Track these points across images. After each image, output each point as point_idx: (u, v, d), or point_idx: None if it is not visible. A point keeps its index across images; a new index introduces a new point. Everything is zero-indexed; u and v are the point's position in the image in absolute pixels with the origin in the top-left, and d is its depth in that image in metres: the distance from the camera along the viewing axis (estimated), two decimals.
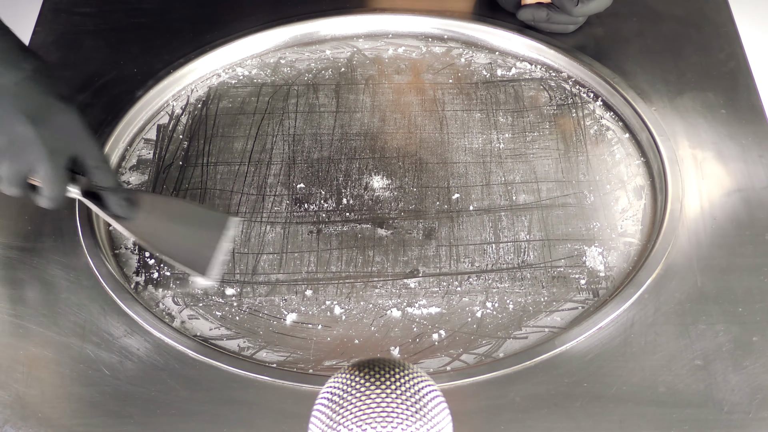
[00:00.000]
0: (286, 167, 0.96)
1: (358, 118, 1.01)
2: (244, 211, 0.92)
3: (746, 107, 0.98)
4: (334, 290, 0.85)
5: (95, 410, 0.76)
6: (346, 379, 0.59)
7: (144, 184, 0.95)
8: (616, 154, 0.96)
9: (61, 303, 0.83)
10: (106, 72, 1.04)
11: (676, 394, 0.76)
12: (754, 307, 0.81)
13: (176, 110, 1.02)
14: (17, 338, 0.81)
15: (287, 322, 0.83)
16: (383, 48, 1.08)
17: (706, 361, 0.78)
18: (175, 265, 0.84)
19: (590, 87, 1.02)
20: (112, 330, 0.81)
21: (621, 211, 0.91)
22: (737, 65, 1.02)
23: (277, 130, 1.00)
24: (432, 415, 0.58)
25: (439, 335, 0.82)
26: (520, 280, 0.86)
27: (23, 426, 0.75)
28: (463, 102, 1.02)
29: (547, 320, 0.83)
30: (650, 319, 0.81)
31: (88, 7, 1.12)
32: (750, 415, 0.74)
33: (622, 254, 0.87)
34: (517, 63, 1.06)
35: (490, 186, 0.94)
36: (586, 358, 0.79)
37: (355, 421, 0.57)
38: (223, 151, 0.98)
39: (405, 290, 0.85)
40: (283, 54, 1.08)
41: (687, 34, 1.06)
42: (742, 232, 0.87)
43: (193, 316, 0.84)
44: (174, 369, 0.79)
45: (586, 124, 0.99)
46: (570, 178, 0.94)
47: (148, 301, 0.85)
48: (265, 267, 0.88)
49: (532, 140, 0.98)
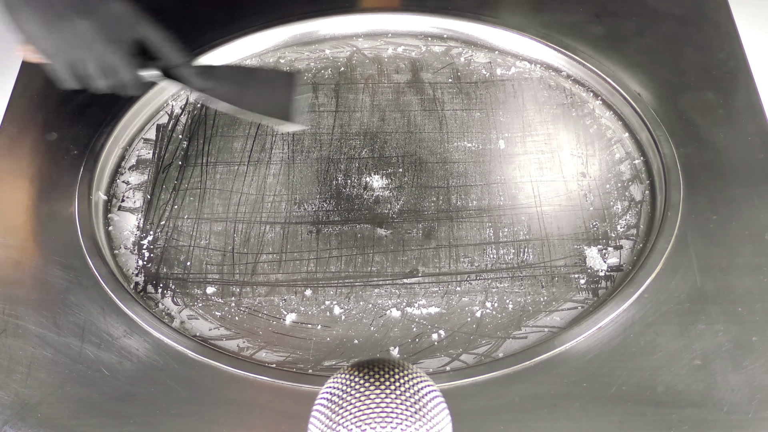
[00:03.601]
0: (285, 167, 0.96)
1: (358, 118, 1.01)
2: (244, 211, 0.92)
3: (746, 107, 0.98)
4: (333, 290, 0.85)
5: (95, 410, 0.76)
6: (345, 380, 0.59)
7: (143, 183, 0.95)
8: (616, 154, 0.96)
9: (60, 303, 0.83)
10: None
11: (676, 394, 0.76)
12: (753, 306, 0.81)
13: (176, 110, 1.02)
14: (17, 338, 0.81)
15: (287, 322, 0.83)
16: (383, 47, 1.08)
17: (706, 360, 0.78)
18: (261, 120, 0.90)
19: (590, 86, 1.02)
20: (112, 330, 0.81)
21: (621, 210, 0.91)
22: (737, 65, 1.02)
23: (276, 130, 1.00)
24: (432, 416, 0.58)
25: (439, 335, 0.82)
26: (520, 280, 0.86)
27: (23, 426, 0.75)
28: (462, 101, 1.02)
29: (547, 320, 0.83)
30: (650, 319, 0.81)
31: None
32: (750, 415, 0.74)
33: (621, 254, 0.87)
34: (516, 62, 1.06)
35: (489, 185, 0.94)
36: (586, 358, 0.79)
37: (355, 421, 0.56)
38: (222, 150, 0.98)
39: (404, 290, 0.85)
40: (282, 53, 1.08)
41: (687, 34, 1.06)
42: (742, 232, 0.87)
43: (193, 316, 0.84)
44: (173, 369, 0.79)
45: (586, 124, 0.99)
46: (569, 178, 0.94)
47: (148, 301, 0.85)
48: (264, 267, 0.88)
49: (531, 139, 0.98)
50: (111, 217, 0.92)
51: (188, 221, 0.91)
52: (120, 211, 0.93)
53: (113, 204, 0.93)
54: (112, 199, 0.94)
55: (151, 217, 0.92)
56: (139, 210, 0.93)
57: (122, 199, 0.94)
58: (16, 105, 1.01)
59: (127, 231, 0.91)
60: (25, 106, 1.01)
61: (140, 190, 0.94)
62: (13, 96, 1.02)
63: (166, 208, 0.93)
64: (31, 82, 1.03)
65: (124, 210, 0.93)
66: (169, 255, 0.89)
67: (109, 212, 0.92)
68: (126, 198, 0.94)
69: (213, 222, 0.91)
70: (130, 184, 0.95)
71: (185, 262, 0.88)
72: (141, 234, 0.91)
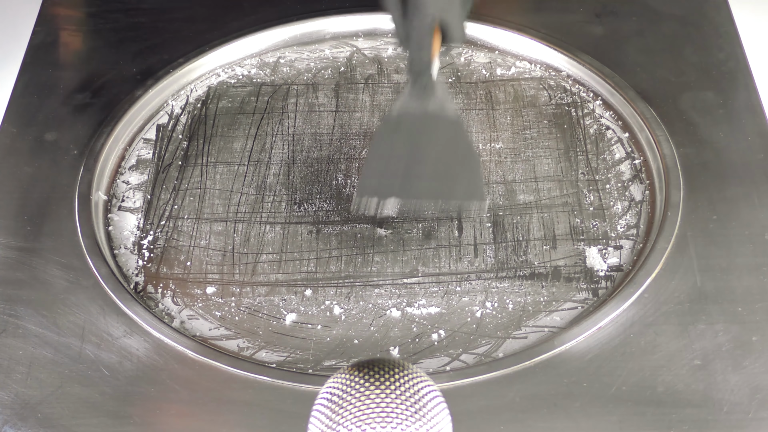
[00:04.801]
0: (285, 167, 0.96)
1: (358, 118, 1.01)
2: (244, 211, 0.92)
3: (746, 107, 0.98)
4: (333, 290, 0.85)
5: (95, 410, 0.76)
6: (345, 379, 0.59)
7: (143, 183, 0.95)
8: (616, 154, 0.96)
9: (60, 303, 0.83)
10: (105, 72, 1.04)
11: (676, 394, 0.76)
12: (753, 306, 0.81)
13: (176, 110, 1.02)
14: (17, 338, 0.81)
15: (287, 322, 0.83)
16: (383, 47, 1.08)
17: (706, 360, 0.78)
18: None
19: (590, 86, 1.02)
20: (112, 330, 0.81)
21: (621, 210, 0.91)
22: (737, 65, 1.02)
23: (276, 130, 1.00)
24: (431, 416, 0.58)
25: (439, 335, 0.82)
26: (520, 280, 0.86)
27: (23, 426, 0.75)
28: (462, 101, 1.02)
29: (547, 320, 0.83)
30: (650, 319, 0.81)
31: (87, 7, 1.12)
32: (749, 415, 0.74)
33: (621, 254, 0.87)
34: (516, 62, 1.06)
35: (489, 185, 0.94)
36: (586, 358, 0.79)
37: (355, 421, 0.56)
38: (222, 150, 0.98)
39: (404, 290, 0.85)
40: (282, 53, 1.08)
41: (687, 34, 1.06)
42: (742, 232, 0.87)
43: (193, 316, 0.84)
44: (173, 369, 0.79)
45: (586, 123, 0.99)
46: (570, 178, 0.94)
47: (148, 301, 0.85)
48: (264, 267, 0.88)
49: (531, 139, 0.98)
50: (111, 217, 0.92)
51: (188, 221, 0.92)
52: (120, 211, 0.93)
53: (113, 204, 0.93)
54: (112, 199, 0.94)
55: (151, 217, 0.92)
56: (139, 210, 0.93)
57: (122, 199, 0.94)
58: (16, 105, 1.01)
59: (127, 231, 0.91)
60: (25, 106, 1.01)
61: (140, 190, 0.94)
62: (13, 96, 1.02)
63: (166, 208, 0.93)
64: (31, 82, 1.03)
65: (124, 210, 0.93)
66: (169, 255, 0.89)
67: (109, 212, 0.92)
68: (126, 198, 0.94)
69: (213, 222, 0.91)
70: (130, 184, 0.95)
71: (185, 262, 0.88)
72: (141, 234, 0.91)
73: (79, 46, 1.07)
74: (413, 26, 0.76)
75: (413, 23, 0.76)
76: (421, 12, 0.76)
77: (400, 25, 0.78)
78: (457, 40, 0.80)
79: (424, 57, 0.78)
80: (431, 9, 0.76)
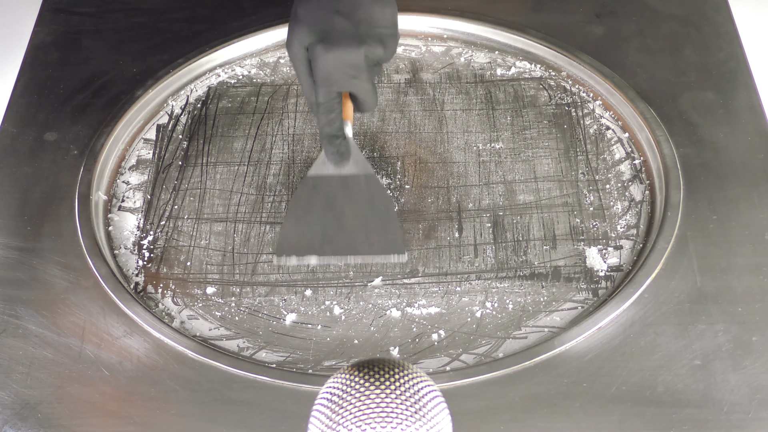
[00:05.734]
0: (285, 167, 0.96)
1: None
2: (244, 211, 0.92)
3: (746, 107, 0.98)
4: (333, 290, 0.85)
5: (95, 410, 0.76)
6: (345, 379, 0.59)
7: (143, 184, 0.95)
8: (616, 154, 0.96)
9: (60, 303, 0.83)
10: (105, 72, 1.04)
11: (676, 394, 0.76)
12: (753, 306, 0.81)
13: (176, 110, 1.02)
14: (17, 338, 0.81)
15: (287, 322, 0.83)
16: None
17: (706, 361, 0.78)
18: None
19: (590, 86, 1.02)
20: (112, 330, 0.81)
21: (620, 210, 0.91)
22: (737, 65, 1.02)
23: (276, 130, 1.00)
24: (431, 416, 0.58)
25: (439, 335, 0.82)
26: (520, 280, 0.86)
27: (23, 426, 0.75)
28: (462, 101, 1.02)
29: (547, 320, 0.83)
30: (650, 319, 0.81)
31: (87, 7, 1.12)
32: (749, 415, 0.74)
33: (621, 254, 0.87)
34: (516, 62, 1.06)
35: (489, 185, 0.94)
36: (586, 358, 0.79)
37: (355, 421, 0.56)
38: (222, 151, 0.98)
39: (404, 290, 0.85)
40: (282, 53, 1.08)
41: (687, 34, 1.06)
42: (742, 232, 0.87)
43: (193, 316, 0.84)
44: (173, 369, 0.79)
45: (586, 124, 0.99)
46: (570, 178, 0.94)
47: (148, 301, 0.85)
48: (264, 267, 0.88)
49: (531, 139, 0.98)
50: (111, 217, 0.92)
51: (188, 221, 0.92)
52: (120, 211, 0.93)
53: (113, 204, 0.93)
54: (112, 199, 0.94)
55: (151, 217, 0.92)
56: (139, 210, 0.93)
57: (122, 199, 0.94)
58: (16, 105, 1.01)
59: (127, 231, 0.91)
60: (25, 106, 1.01)
61: (140, 190, 0.94)
62: (13, 96, 1.02)
63: (166, 208, 0.93)
64: (31, 82, 1.03)
65: (124, 210, 0.93)
66: (169, 255, 0.89)
67: (109, 212, 0.92)
68: (126, 198, 0.94)
69: (213, 222, 0.91)
70: (130, 184, 0.95)
71: (185, 262, 0.88)
72: (141, 234, 0.91)
73: (79, 46, 1.07)
74: (320, 95, 0.78)
75: (320, 93, 0.77)
76: (326, 85, 0.77)
77: (310, 93, 0.79)
78: (367, 109, 0.81)
79: (335, 122, 0.80)
80: (335, 87, 0.77)
